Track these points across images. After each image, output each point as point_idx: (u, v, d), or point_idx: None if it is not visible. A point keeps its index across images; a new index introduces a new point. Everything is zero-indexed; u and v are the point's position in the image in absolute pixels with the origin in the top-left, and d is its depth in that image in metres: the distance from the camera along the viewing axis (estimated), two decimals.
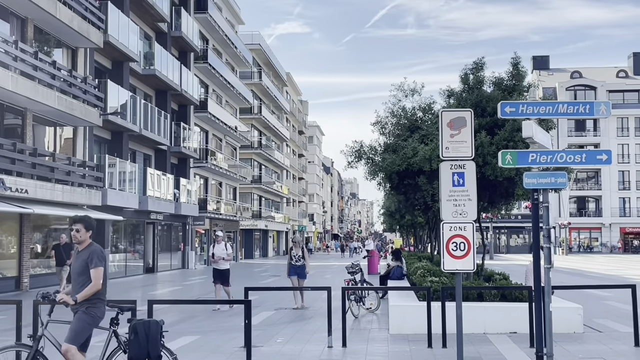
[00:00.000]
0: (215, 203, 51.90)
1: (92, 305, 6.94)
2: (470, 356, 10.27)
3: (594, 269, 41.90)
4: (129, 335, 7.04)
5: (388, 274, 21.60)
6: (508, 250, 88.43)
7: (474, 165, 9.39)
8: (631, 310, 11.64)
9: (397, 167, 16.26)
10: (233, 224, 58.68)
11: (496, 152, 13.72)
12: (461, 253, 9.26)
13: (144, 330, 6.94)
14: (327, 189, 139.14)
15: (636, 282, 14.43)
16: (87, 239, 7.08)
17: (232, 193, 59.64)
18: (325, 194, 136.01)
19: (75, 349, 6.78)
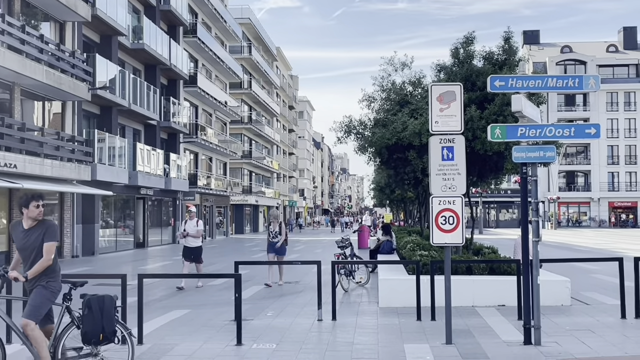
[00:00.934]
0: (205, 178, 51.80)
1: (52, 280, 6.90)
2: (459, 329, 10.36)
3: (582, 242, 42.24)
4: (83, 310, 6.89)
5: (378, 248, 21.68)
6: (497, 225, 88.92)
7: (463, 139, 9.40)
8: (618, 283, 11.76)
9: (386, 142, 16.25)
10: (223, 199, 58.65)
11: (486, 127, 13.74)
12: (450, 227, 9.31)
13: (98, 305, 6.82)
14: (317, 164, 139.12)
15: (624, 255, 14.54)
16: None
17: (222, 168, 59.53)
18: (316, 169, 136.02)
19: (34, 323, 6.69)
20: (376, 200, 65.59)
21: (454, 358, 8.48)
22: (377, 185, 43.23)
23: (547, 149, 9.35)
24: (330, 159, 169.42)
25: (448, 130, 9.31)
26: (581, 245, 38.41)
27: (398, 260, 17.63)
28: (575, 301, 13.59)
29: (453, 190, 9.32)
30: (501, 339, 9.65)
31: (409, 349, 9.04)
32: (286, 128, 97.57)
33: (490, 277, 13.41)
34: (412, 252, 16.33)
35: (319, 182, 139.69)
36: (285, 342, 9.66)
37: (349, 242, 18.34)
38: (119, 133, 35.15)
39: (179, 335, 10.19)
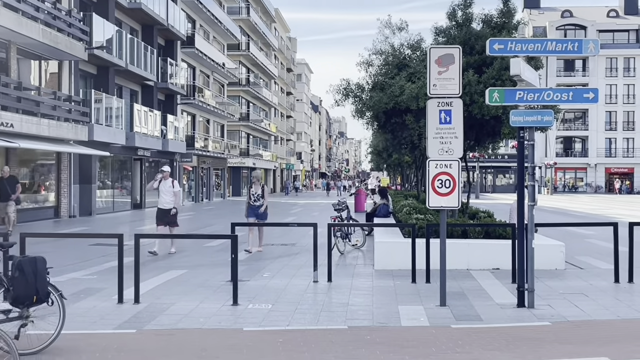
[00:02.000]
0: (202, 140, 51.67)
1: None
2: (453, 291, 10.45)
3: (578, 208, 42.41)
4: (13, 272, 6.46)
5: (374, 212, 21.76)
6: (494, 190, 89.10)
7: (461, 102, 9.37)
8: (612, 248, 11.83)
9: (384, 106, 16.20)
10: (221, 162, 58.62)
11: (484, 91, 13.68)
12: (446, 190, 9.33)
13: (30, 267, 6.46)
14: (315, 127, 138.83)
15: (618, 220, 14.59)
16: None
17: (219, 130, 59.36)
18: (314, 133, 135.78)
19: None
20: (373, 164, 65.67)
21: (447, 319, 8.57)
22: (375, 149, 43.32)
23: (545, 113, 9.33)
24: (328, 123, 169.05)
25: (446, 93, 9.27)
26: (577, 211, 38.58)
27: (394, 224, 17.72)
28: (569, 265, 13.68)
29: (450, 153, 9.31)
30: (495, 302, 9.75)
31: (403, 310, 9.13)
32: (284, 91, 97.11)
33: (485, 241, 13.49)
34: (408, 215, 16.40)
35: (316, 146, 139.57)
36: (280, 302, 9.73)
37: (346, 205, 18.37)
38: (116, 94, 34.96)
39: (175, 295, 10.27)
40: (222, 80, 59.22)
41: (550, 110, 9.40)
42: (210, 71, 54.28)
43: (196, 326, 8.19)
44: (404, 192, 37.82)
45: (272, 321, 8.47)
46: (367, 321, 8.48)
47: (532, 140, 9.31)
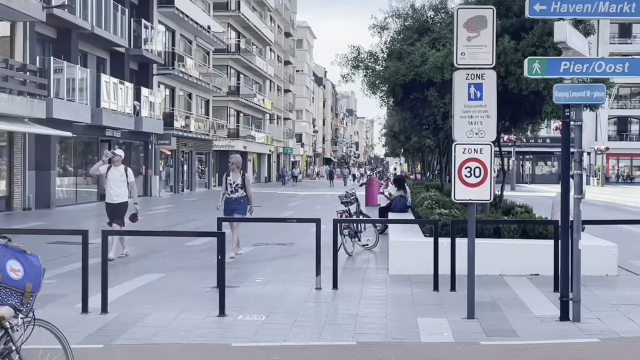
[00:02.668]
0: (183, 119, 51.73)
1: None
2: (483, 301, 10.46)
3: (634, 202, 42.39)
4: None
5: (389, 206, 21.78)
6: (533, 180, 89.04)
7: (494, 75, 9.37)
8: None
9: (402, 78, 16.18)
10: (205, 144, 58.68)
11: (522, 61, 13.63)
12: (476, 180, 9.33)
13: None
14: (318, 104, 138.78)
15: None
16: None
17: (204, 107, 59.38)
18: (317, 110, 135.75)
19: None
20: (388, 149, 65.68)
21: (476, 335, 8.59)
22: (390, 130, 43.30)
23: (595, 87, 9.31)
24: (334, 98, 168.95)
25: (476, 63, 9.25)
26: (633, 206, 38.58)
27: (413, 220, 17.72)
28: (622, 271, 13.68)
29: (480, 136, 9.31)
30: (533, 314, 9.78)
31: (423, 323, 9.16)
32: (281, 60, 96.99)
33: (522, 241, 13.49)
34: (429, 210, 16.40)
35: (320, 126, 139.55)
36: (276, 313, 9.76)
37: (355, 198, 18.39)
38: (80, 62, 34.97)
39: (151, 304, 10.29)
40: (207, 47, 59.18)
41: (601, 85, 9.38)
42: (192, 35, 54.24)
43: (175, 341, 8.22)
44: (425, 182, 37.83)
45: (266, 336, 8.48)
46: (380, 336, 8.50)
47: (580, 121, 9.30)
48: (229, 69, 68.41)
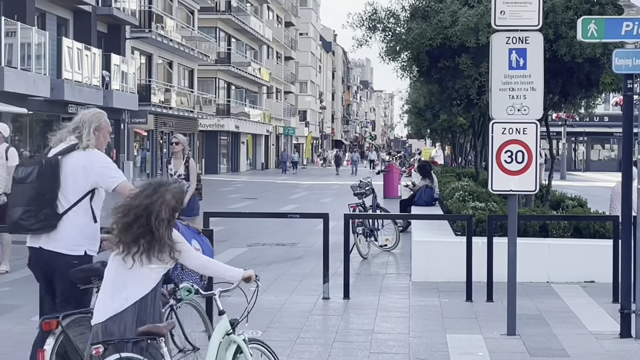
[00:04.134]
0: (162, 92, 51.74)
1: None
2: (527, 313, 10.48)
3: None
4: None
5: (412, 198, 21.78)
6: (588, 167, 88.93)
7: (541, 37, 9.38)
8: None
9: (428, 42, 16.13)
10: (189, 123, 58.71)
11: (574, 21, 13.60)
12: (518, 167, 9.34)
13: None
14: (326, 74, 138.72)
15: None
16: None
17: (187, 78, 59.39)
18: (324, 82, 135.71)
19: None
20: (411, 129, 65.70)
21: (518, 355, 8.61)
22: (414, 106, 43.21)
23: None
24: (345, 68, 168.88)
25: (519, 25, 9.26)
26: None
27: (441, 215, 17.71)
28: None
29: (524, 112, 9.30)
30: (587, 329, 9.79)
31: (453, 341, 9.18)
32: (282, 20, 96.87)
33: (574, 241, 13.49)
34: (461, 203, 16.39)
35: (328, 101, 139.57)
36: (275, 328, 9.81)
37: (371, 189, 18.38)
38: (37, 23, 34.97)
39: None
40: (191, 5, 59.15)
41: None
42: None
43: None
44: (457, 169, 37.83)
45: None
46: (401, 356, 8.53)
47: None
48: (218, 32, 68.32)
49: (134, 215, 5.58)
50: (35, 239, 6.61)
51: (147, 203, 5.60)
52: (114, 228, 5.66)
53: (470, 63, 15.71)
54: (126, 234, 5.55)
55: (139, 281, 5.55)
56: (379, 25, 17.51)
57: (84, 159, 6.63)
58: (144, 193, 5.67)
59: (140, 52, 49.38)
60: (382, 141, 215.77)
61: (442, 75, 17.30)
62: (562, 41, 14.32)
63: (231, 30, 71.56)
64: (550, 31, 14.17)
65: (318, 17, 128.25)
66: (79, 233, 6.63)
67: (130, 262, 5.51)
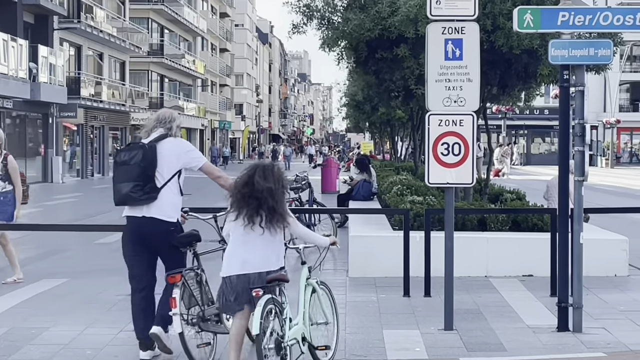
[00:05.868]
0: (93, 85, 51.22)
1: None
2: (465, 308, 10.56)
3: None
4: None
5: (350, 193, 21.82)
6: (528, 161, 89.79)
7: (477, 28, 9.45)
8: None
9: (366, 33, 16.12)
10: (121, 118, 58.23)
11: (512, 12, 13.73)
12: (455, 159, 9.40)
13: None
14: (263, 66, 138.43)
15: None
16: None
17: (119, 70, 58.87)
18: (261, 75, 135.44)
19: None
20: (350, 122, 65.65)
21: (455, 350, 8.69)
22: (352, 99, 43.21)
23: (600, 44, 9.41)
24: (282, 60, 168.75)
25: (455, 14, 9.32)
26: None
27: (379, 209, 17.77)
28: (635, 270, 13.89)
29: (460, 104, 9.37)
30: (525, 323, 9.90)
31: (390, 336, 9.24)
32: (216, 11, 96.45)
33: (512, 235, 13.63)
34: (399, 197, 16.45)
35: (265, 94, 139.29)
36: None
37: (307, 183, 18.40)
38: None
39: (50, 316, 10.24)
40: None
41: (608, 41, 9.49)
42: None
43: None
44: (395, 163, 37.98)
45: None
46: (338, 352, 8.50)
47: (582, 85, 9.39)
48: (150, 23, 67.82)
49: (259, 192, 7.35)
50: (138, 209, 8.31)
51: (268, 185, 7.39)
52: (237, 203, 7.47)
53: (409, 54, 15.73)
54: (250, 209, 7.37)
55: (273, 245, 7.56)
56: (317, 14, 17.47)
57: (175, 145, 8.52)
58: (262, 176, 7.44)
59: (69, 43, 48.83)
60: (321, 135, 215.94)
61: (381, 66, 17.30)
62: (499, 32, 14.41)
63: (164, 21, 71.08)
64: (488, 22, 14.26)
65: (254, 8, 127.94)
66: (172, 204, 8.45)
67: (261, 230, 7.40)
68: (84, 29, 47.68)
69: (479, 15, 9.58)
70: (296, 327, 7.70)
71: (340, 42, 17.51)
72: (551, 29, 9.40)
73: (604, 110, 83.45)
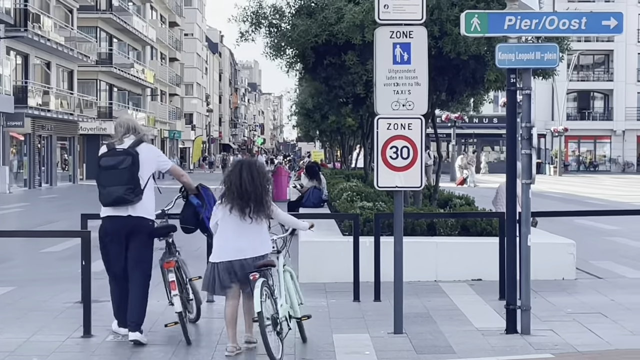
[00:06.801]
0: (40, 94, 50.76)
1: None
2: (415, 312, 10.61)
3: (598, 194, 43.42)
4: None
5: (301, 200, 21.83)
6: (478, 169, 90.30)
7: (425, 32, 9.49)
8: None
9: (313, 39, 16.17)
10: (69, 127, 57.73)
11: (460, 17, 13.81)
12: (403, 162, 9.44)
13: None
14: (213, 76, 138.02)
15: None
16: None
17: (67, 79, 58.41)
18: (211, 85, 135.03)
19: None
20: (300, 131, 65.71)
21: (404, 353, 8.72)
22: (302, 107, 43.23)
23: (546, 48, 9.49)
24: (232, 70, 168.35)
25: (403, 18, 9.35)
26: (596, 198, 39.52)
27: (328, 214, 17.82)
28: (581, 273, 14.08)
29: (409, 108, 9.40)
30: (474, 326, 9.97)
31: (340, 340, 9.25)
32: (166, 20, 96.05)
33: (461, 239, 13.72)
34: (349, 203, 16.49)
35: (215, 104, 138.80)
36: (157, 332, 9.74)
37: None
38: None
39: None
40: (70, 4, 58.25)
41: (554, 45, 9.57)
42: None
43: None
44: (346, 171, 38.06)
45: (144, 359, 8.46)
46: (287, 357, 8.52)
47: (528, 89, 9.47)
48: (99, 32, 67.39)
49: (247, 186, 8.49)
50: (123, 209, 9.16)
51: (254, 180, 8.53)
52: (229, 195, 8.60)
53: (357, 60, 15.81)
54: (241, 200, 8.50)
55: (260, 233, 8.76)
56: (264, 21, 17.49)
57: (150, 150, 9.53)
58: (248, 171, 8.59)
59: (16, 52, 48.37)
60: (272, 145, 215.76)
61: (329, 72, 17.34)
62: (447, 38, 14.52)
63: (113, 30, 70.65)
64: (436, 28, 14.37)
65: (204, 18, 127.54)
66: (151, 203, 9.41)
67: (249, 220, 8.55)
68: (31, 38, 47.27)
69: (427, 22, 9.61)
70: (282, 307, 8.51)
71: (288, 48, 17.53)
72: (498, 33, 9.47)
73: (552, 119, 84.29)
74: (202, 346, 9.20)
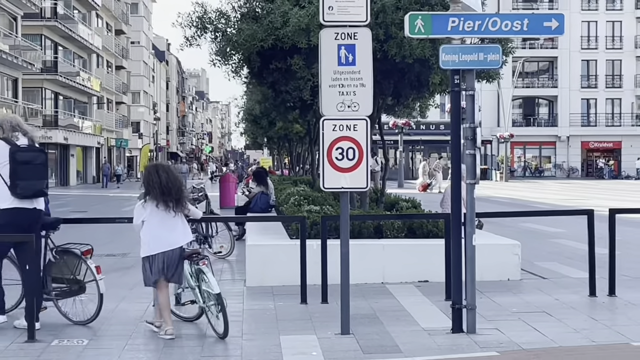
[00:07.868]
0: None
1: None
2: (362, 313, 10.65)
3: (543, 199, 43.94)
4: None
5: (248, 205, 21.80)
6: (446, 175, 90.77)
7: (369, 33, 9.54)
8: (586, 249, 12.29)
9: (259, 43, 16.15)
10: None
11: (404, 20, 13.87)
12: (349, 163, 9.48)
13: None
14: (160, 84, 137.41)
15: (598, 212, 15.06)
16: None
17: (11, 88, 57.85)
18: (158, 93, 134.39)
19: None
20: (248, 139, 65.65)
21: (351, 353, 8.76)
22: (249, 114, 43.24)
23: (489, 49, 9.59)
24: (180, 78, 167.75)
25: (348, 20, 9.40)
26: (541, 202, 39.99)
27: (275, 217, 17.83)
28: (527, 274, 14.22)
29: (354, 109, 9.44)
30: (420, 326, 10.04)
31: (287, 342, 9.28)
32: (112, 28, 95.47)
33: (408, 241, 13.80)
34: (296, 207, 16.52)
35: (162, 112, 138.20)
36: (103, 336, 9.72)
37: (204, 195, 18.29)
38: None
39: None
40: (13, 11, 57.71)
41: (496, 46, 9.67)
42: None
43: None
44: (294, 177, 38.09)
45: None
46: (234, 358, 8.56)
47: (472, 90, 9.56)
48: (44, 40, 66.82)
49: (167, 184, 9.53)
50: (29, 202, 9.78)
51: (172, 178, 9.63)
52: (153, 193, 9.58)
53: (303, 64, 15.81)
54: (165, 196, 9.50)
55: (184, 224, 9.82)
56: (209, 25, 17.42)
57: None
58: (165, 171, 9.70)
59: None
60: (220, 153, 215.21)
61: (275, 77, 17.32)
62: (392, 41, 14.58)
63: (58, 38, 70.09)
64: (381, 31, 14.42)
65: (150, 26, 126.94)
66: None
67: (173, 213, 9.57)
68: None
69: (372, 25, 9.67)
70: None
71: (234, 54, 17.48)
72: (442, 34, 9.55)
73: (497, 125, 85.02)
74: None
